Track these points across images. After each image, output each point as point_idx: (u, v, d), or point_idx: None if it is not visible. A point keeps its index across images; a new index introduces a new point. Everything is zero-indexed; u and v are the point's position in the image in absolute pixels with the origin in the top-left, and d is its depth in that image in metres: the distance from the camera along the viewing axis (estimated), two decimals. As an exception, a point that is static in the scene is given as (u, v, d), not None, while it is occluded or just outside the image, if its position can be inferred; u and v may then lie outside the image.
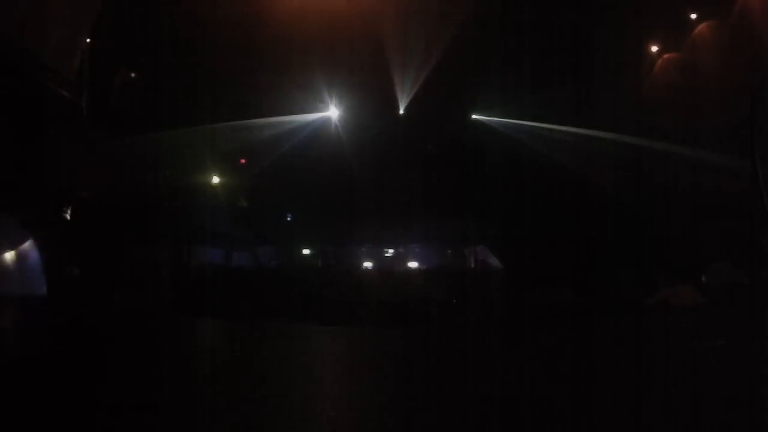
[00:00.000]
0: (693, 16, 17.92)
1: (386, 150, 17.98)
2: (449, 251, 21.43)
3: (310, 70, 17.38)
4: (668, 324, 11.65)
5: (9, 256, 13.33)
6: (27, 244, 13.63)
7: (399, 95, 18.26)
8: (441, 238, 20.38)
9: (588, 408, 5.79)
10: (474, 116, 19.02)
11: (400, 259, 22.07)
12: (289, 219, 20.69)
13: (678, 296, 14.10)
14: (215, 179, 19.25)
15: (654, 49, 18.75)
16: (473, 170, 17.96)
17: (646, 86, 18.56)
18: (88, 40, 15.57)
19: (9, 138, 12.49)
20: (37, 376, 6.71)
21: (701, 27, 17.86)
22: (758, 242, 14.11)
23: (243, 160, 19.24)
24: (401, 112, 18.46)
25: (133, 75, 17.54)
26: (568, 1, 17.24)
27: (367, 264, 21.20)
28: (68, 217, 15.24)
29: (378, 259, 21.73)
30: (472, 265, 20.22)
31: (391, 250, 22.19)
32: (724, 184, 14.81)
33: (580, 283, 14.63)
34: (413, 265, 21.40)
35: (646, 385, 6.59)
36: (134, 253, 15.91)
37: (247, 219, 19.29)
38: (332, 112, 18.74)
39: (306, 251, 21.24)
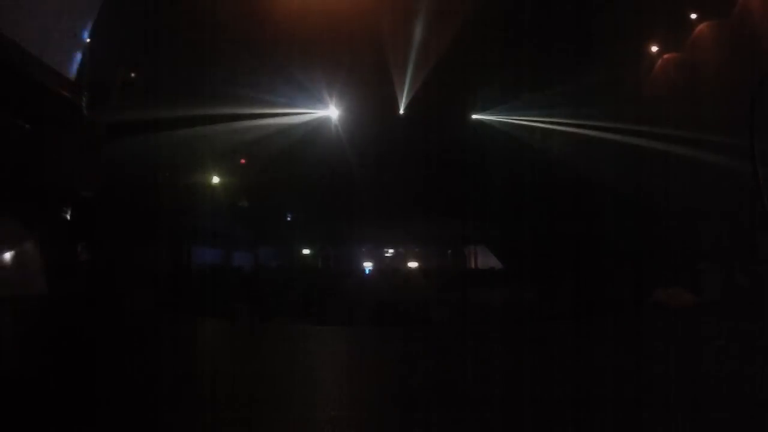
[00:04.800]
0: (693, 16, 17.94)
1: (386, 150, 17.99)
2: (449, 251, 21.45)
3: (311, 69, 17.41)
4: (667, 324, 11.66)
5: (9, 256, 13.34)
6: (27, 244, 13.63)
7: (399, 95, 18.29)
8: (441, 238, 20.40)
9: (588, 408, 5.79)
10: (474, 116, 19.04)
11: (400, 259, 22.10)
12: (289, 219, 20.72)
13: (677, 297, 14.07)
14: (215, 179, 19.26)
15: (654, 48, 18.77)
16: (473, 170, 17.98)
17: (646, 86, 18.57)
18: (88, 40, 15.58)
19: (9, 138, 12.50)
20: (37, 376, 6.71)
21: (701, 27, 17.87)
22: (758, 242, 14.12)
23: (243, 160, 19.26)
24: (401, 112, 18.49)
25: (133, 75, 17.53)
26: (568, 1, 17.26)
27: (367, 264, 21.22)
28: (68, 216, 15.25)
29: (378, 259, 21.76)
30: (472, 266, 20.24)
31: (391, 251, 22.23)
32: (723, 184, 14.81)
33: (579, 283, 14.62)
34: (413, 265, 21.43)
35: (646, 385, 6.60)
36: (134, 253, 15.90)
37: (247, 219, 19.30)
38: (332, 112, 18.77)
39: (306, 251, 21.27)
